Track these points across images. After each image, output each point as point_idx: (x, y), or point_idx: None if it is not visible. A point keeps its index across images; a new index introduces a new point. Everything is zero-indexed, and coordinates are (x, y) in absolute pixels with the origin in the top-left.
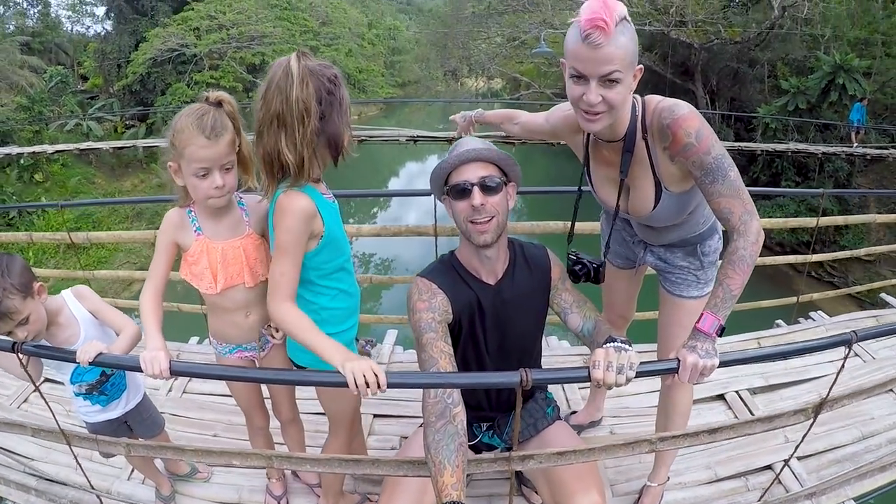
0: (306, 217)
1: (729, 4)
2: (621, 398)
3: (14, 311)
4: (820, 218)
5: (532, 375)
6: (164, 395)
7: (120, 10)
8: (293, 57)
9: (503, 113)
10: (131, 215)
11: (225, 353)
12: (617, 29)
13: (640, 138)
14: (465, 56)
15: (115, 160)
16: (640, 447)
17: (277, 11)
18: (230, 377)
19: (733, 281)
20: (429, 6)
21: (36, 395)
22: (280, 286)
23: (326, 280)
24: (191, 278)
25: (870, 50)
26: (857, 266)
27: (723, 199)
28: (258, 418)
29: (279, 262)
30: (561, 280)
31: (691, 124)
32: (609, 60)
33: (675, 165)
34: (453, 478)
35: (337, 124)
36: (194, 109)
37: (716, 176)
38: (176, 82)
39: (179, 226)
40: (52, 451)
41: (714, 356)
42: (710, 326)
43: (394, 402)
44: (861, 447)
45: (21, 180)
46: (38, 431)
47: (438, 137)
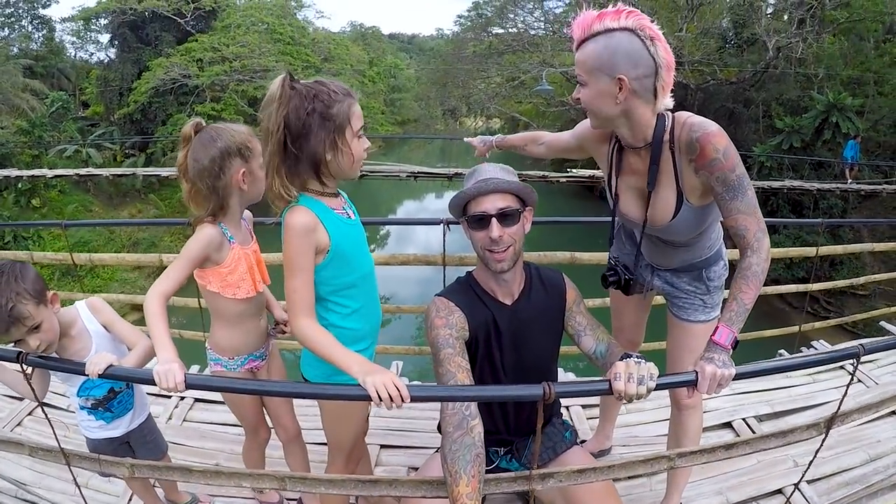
0: (306, 231)
1: (724, 46)
2: (630, 427)
3: (27, 316)
4: (819, 248)
5: (555, 389)
6: (164, 423)
7: (124, 38)
8: (279, 78)
9: (527, 135)
10: (128, 244)
11: (236, 367)
12: (593, 38)
13: (668, 149)
14: (465, 95)
15: (112, 189)
16: (659, 464)
17: (280, 46)
18: (249, 390)
19: (746, 295)
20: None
21: (30, 418)
22: (295, 303)
23: (336, 297)
24: (223, 287)
25: (862, 89)
26: (852, 301)
27: (741, 215)
28: (264, 430)
29: (289, 279)
30: (576, 303)
31: (720, 141)
32: (578, 64)
33: (699, 178)
34: (469, 487)
35: (314, 143)
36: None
37: (736, 193)
38: (177, 113)
39: (217, 242)
40: (46, 476)
41: (731, 366)
42: (726, 339)
43: (401, 432)
44: (869, 469)
45: (18, 205)
46: (35, 450)
47: (438, 174)
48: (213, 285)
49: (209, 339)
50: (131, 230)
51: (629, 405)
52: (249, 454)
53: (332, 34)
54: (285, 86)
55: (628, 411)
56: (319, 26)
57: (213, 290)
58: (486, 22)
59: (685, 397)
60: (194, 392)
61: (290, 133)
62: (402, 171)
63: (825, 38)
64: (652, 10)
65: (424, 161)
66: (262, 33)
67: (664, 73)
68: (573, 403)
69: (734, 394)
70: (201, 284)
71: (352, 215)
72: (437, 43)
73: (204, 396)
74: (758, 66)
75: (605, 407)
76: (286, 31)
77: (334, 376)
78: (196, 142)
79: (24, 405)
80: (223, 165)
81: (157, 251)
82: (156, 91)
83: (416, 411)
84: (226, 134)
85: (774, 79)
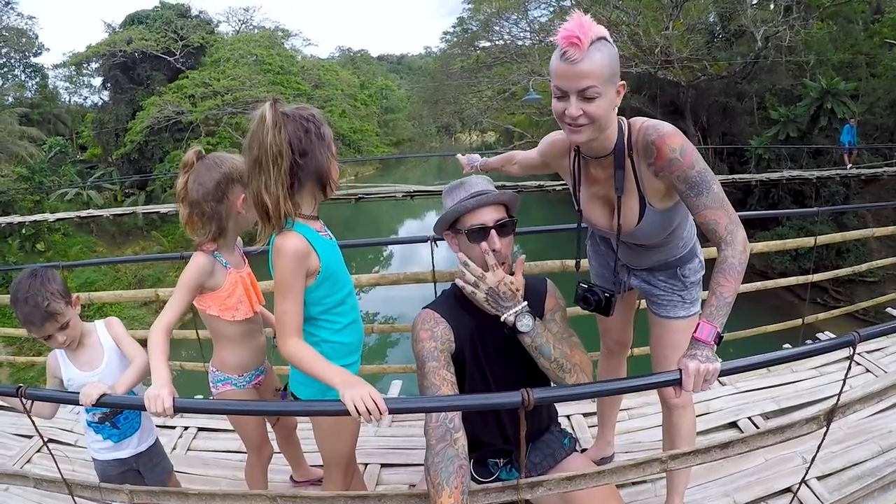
0: (299, 256)
1: (712, 40)
2: (632, 433)
3: (60, 312)
4: (818, 237)
5: (535, 394)
6: (168, 453)
7: (116, 80)
8: (267, 105)
9: (503, 157)
10: (133, 282)
11: (244, 383)
12: (593, 46)
13: (626, 155)
14: (457, 111)
15: (115, 228)
16: (651, 467)
17: (270, 76)
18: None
19: (725, 289)
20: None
21: (39, 455)
22: (284, 324)
23: (328, 315)
24: (223, 311)
25: (855, 72)
26: (861, 288)
27: (708, 210)
28: (266, 448)
29: (280, 302)
30: (552, 311)
31: (675, 140)
32: (585, 76)
33: (660, 180)
34: (451, 499)
35: (320, 159)
36: None
37: (700, 189)
38: (174, 149)
39: (209, 271)
40: None
41: (715, 361)
42: (708, 335)
43: (401, 450)
44: (882, 461)
45: (23, 250)
46: (40, 482)
47: (435, 191)
48: (212, 309)
49: (213, 362)
50: (137, 268)
51: (631, 411)
52: (253, 472)
53: (321, 60)
54: (276, 111)
55: (630, 417)
56: (308, 54)
57: (214, 314)
58: (472, 36)
59: (673, 396)
60: (198, 421)
61: (293, 154)
62: (397, 191)
63: (813, 23)
64: (636, 10)
65: (422, 179)
66: (251, 65)
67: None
68: (574, 412)
69: (738, 392)
70: (201, 309)
71: (331, 236)
72: (426, 61)
73: (207, 425)
74: (748, 58)
75: (602, 412)
76: (275, 61)
77: (328, 393)
78: (200, 167)
79: (32, 443)
80: (226, 189)
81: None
82: (151, 129)
83: (416, 429)
84: (228, 161)
85: (766, 69)
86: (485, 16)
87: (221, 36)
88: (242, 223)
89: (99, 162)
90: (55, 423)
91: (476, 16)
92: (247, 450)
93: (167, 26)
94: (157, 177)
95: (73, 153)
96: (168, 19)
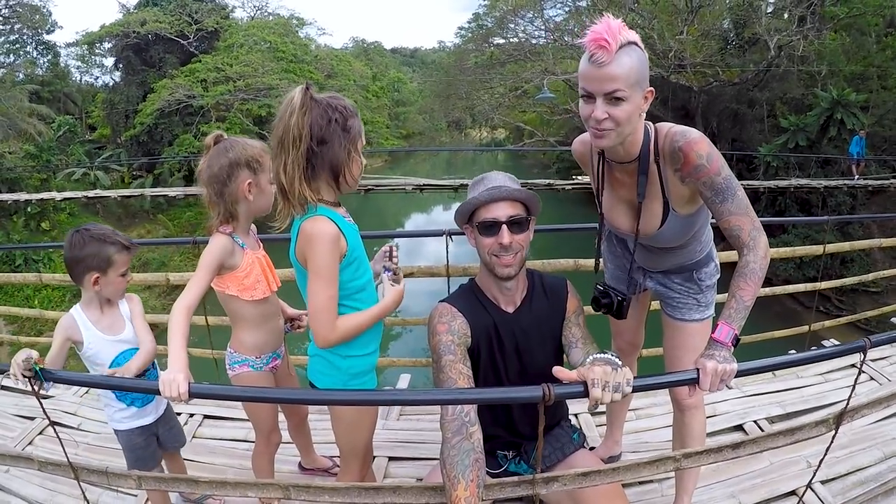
0: (333, 239)
1: (726, 47)
2: (639, 433)
3: (122, 263)
4: (826, 245)
5: (555, 390)
6: None
7: (128, 61)
8: (299, 88)
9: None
10: (138, 265)
11: (262, 365)
12: (622, 50)
13: (653, 160)
14: (469, 107)
15: (121, 210)
16: (665, 465)
17: (284, 64)
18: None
19: (745, 292)
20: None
21: (41, 437)
22: (331, 310)
23: (349, 300)
24: (241, 290)
25: (866, 84)
26: (864, 298)
27: (733, 217)
28: (276, 435)
29: (325, 288)
30: (575, 313)
31: (702, 147)
32: (612, 79)
33: (686, 186)
34: (467, 492)
35: (337, 150)
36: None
37: (726, 195)
38: (183, 133)
39: (229, 249)
40: (58, 493)
41: (732, 361)
42: (726, 336)
43: (409, 444)
44: (885, 467)
45: (28, 228)
46: (45, 465)
47: (444, 186)
48: (231, 289)
49: (231, 344)
50: (141, 251)
51: (639, 411)
52: (260, 459)
53: (335, 50)
54: (307, 95)
55: (637, 417)
56: (322, 43)
57: (232, 294)
58: (486, 33)
59: (686, 397)
60: (203, 408)
61: (313, 139)
62: (407, 184)
63: (826, 34)
64: (652, 14)
65: (430, 173)
66: (264, 52)
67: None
68: (581, 411)
69: (745, 396)
70: (220, 290)
71: (352, 220)
72: (439, 55)
73: (213, 413)
74: (760, 66)
75: (612, 410)
76: (289, 49)
77: (350, 382)
78: (213, 150)
79: (34, 424)
80: (231, 174)
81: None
82: (161, 112)
83: (424, 423)
84: (238, 146)
85: (777, 78)
86: (500, 12)
87: (236, 21)
88: (255, 208)
89: (107, 143)
90: (58, 405)
91: (492, 12)
92: (256, 435)
93: (182, 9)
94: (165, 159)
95: (81, 133)
96: (183, 2)
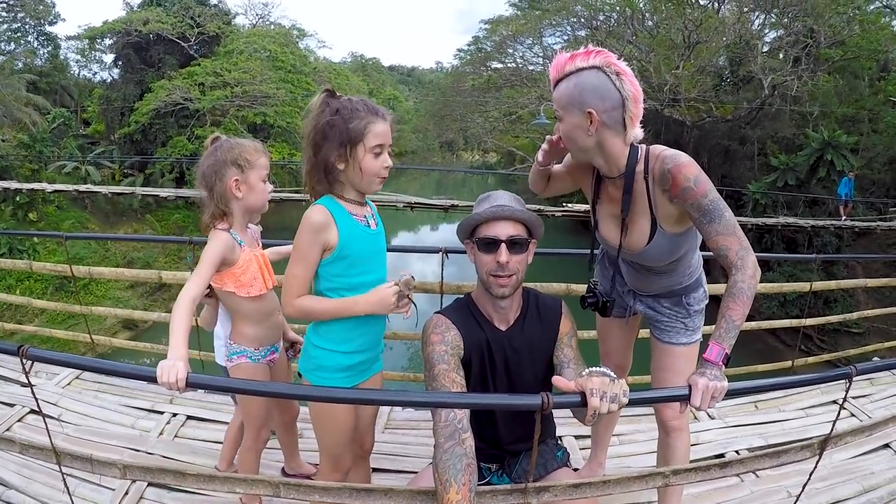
0: (316, 227)
1: (720, 83)
2: (623, 458)
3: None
4: (813, 283)
5: (553, 398)
6: (155, 437)
7: (128, 58)
8: (320, 93)
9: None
10: (122, 263)
11: (260, 357)
12: (567, 78)
13: (642, 179)
14: (463, 128)
15: (110, 207)
16: (654, 480)
17: (282, 73)
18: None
19: (734, 312)
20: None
21: (20, 424)
22: (293, 286)
23: (334, 294)
24: (238, 287)
25: (857, 126)
26: (846, 339)
27: (720, 237)
28: (265, 431)
29: (292, 265)
30: (568, 335)
31: (690, 171)
32: (554, 101)
33: (674, 206)
34: (459, 495)
35: (328, 151)
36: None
37: (713, 216)
38: (177, 135)
39: (230, 245)
40: (33, 481)
41: (723, 380)
42: (717, 355)
43: (393, 457)
44: (863, 500)
45: (15, 217)
46: (26, 448)
47: (435, 205)
48: (228, 286)
49: (231, 336)
50: (127, 249)
51: (623, 436)
52: (248, 455)
53: (333, 64)
54: (323, 100)
55: (621, 442)
56: (321, 55)
57: (230, 290)
58: (485, 56)
59: (672, 418)
60: (187, 409)
61: (313, 141)
62: (398, 200)
63: (820, 75)
64: (649, 47)
65: (421, 193)
66: (263, 60)
67: (631, 105)
68: (566, 433)
69: (727, 426)
70: (218, 287)
71: (373, 225)
72: (437, 76)
73: (196, 414)
74: (753, 104)
75: (598, 432)
76: (288, 59)
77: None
78: (207, 150)
79: (13, 411)
80: (217, 173)
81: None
82: (157, 112)
83: (409, 437)
84: (227, 145)
85: (770, 116)
86: (500, 37)
87: (237, 28)
88: (247, 205)
89: (101, 139)
90: (40, 394)
91: (492, 36)
92: (245, 429)
93: (185, 11)
94: (157, 160)
95: (75, 127)
96: (187, 5)
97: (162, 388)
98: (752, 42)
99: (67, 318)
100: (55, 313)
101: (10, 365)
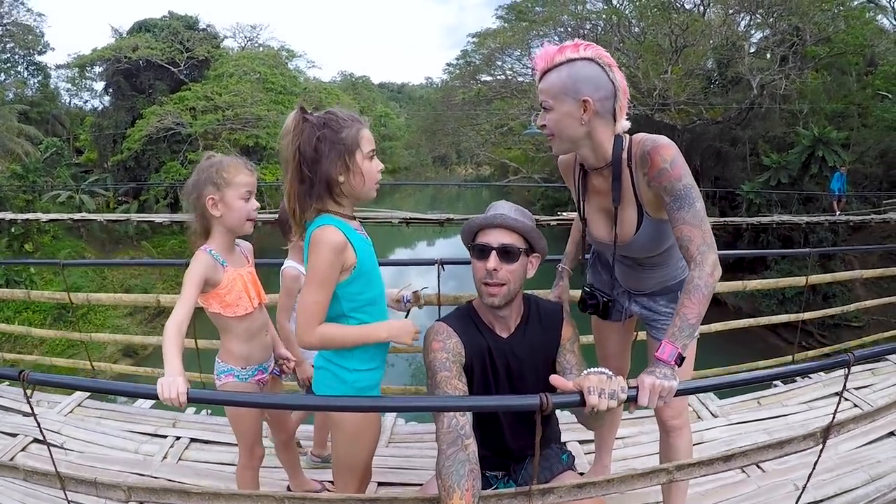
0: (337, 249)
1: (709, 86)
2: (628, 461)
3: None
4: (809, 277)
5: (552, 399)
6: (159, 461)
7: (118, 85)
8: (293, 112)
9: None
10: (120, 290)
11: (247, 376)
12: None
13: (626, 167)
14: (455, 143)
15: (105, 235)
16: (659, 477)
17: (272, 95)
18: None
19: (689, 310)
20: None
21: (24, 454)
22: (315, 314)
23: (358, 313)
24: (224, 307)
25: (847, 122)
26: (846, 333)
27: (685, 226)
28: (259, 449)
29: (312, 292)
30: (570, 341)
31: (668, 152)
32: (542, 92)
33: (651, 190)
34: (462, 500)
35: (327, 167)
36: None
37: (682, 203)
38: (170, 160)
39: (212, 265)
40: None
41: (672, 379)
42: (669, 355)
43: (399, 470)
44: (871, 489)
45: (10, 248)
46: (31, 474)
47: (430, 220)
48: (213, 307)
49: (219, 355)
50: (124, 277)
51: (627, 439)
52: (245, 473)
53: (323, 83)
54: (298, 118)
55: (625, 445)
56: (311, 76)
57: (216, 311)
58: (474, 70)
59: (671, 417)
60: (190, 432)
61: (304, 160)
62: (393, 217)
63: (808, 73)
64: (637, 53)
65: (415, 208)
66: (254, 82)
67: (621, 96)
68: (570, 439)
69: (731, 424)
70: (204, 307)
71: (367, 235)
72: (427, 91)
73: (199, 436)
74: (743, 105)
75: (601, 435)
76: (278, 80)
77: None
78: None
79: (17, 441)
80: (197, 191)
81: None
82: (149, 139)
83: (414, 450)
84: (206, 164)
85: (760, 116)
86: (488, 50)
87: (227, 51)
88: (227, 224)
89: (94, 167)
90: (43, 423)
91: (480, 49)
92: (239, 448)
93: (174, 37)
94: (151, 185)
95: (68, 155)
96: (175, 30)
97: (164, 413)
98: (739, 43)
99: (68, 348)
100: (55, 342)
101: (11, 395)
